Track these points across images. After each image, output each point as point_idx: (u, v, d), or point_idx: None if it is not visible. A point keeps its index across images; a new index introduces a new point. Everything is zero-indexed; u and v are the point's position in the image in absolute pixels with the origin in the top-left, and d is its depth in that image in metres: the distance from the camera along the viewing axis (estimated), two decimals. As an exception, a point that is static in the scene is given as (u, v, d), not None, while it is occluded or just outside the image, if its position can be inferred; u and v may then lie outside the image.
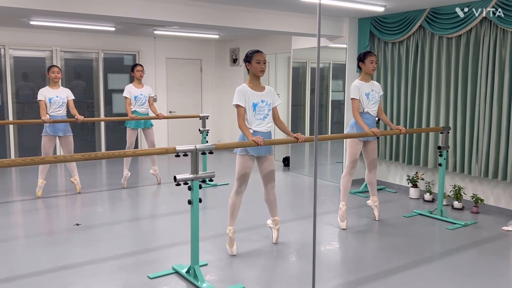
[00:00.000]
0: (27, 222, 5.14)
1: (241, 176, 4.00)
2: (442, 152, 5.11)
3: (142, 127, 6.58)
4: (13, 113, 8.31)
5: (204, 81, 10.34)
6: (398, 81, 6.31)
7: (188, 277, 3.55)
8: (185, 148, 3.35)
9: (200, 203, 3.46)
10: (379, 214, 5.15)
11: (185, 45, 9.90)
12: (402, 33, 6.09)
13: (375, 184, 5.09)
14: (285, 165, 8.41)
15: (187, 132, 9.67)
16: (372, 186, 5.07)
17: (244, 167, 3.97)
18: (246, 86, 3.95)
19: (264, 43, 9.05)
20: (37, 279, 3.57)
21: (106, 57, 9.15)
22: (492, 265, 3.90)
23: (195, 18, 5.55)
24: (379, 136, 4.66)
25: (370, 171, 5.03)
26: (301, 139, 3.95)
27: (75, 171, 6.28)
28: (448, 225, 4.97)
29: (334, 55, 7.32)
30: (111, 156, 3.17)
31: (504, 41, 5.10)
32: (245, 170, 3.98)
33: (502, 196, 5.42)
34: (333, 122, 7.56)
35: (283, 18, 6.17)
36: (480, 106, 5.38)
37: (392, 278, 3.63)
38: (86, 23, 7.36)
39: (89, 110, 9.10)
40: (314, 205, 2.59)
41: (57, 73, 5.96)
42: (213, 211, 5.59)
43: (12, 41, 8.17)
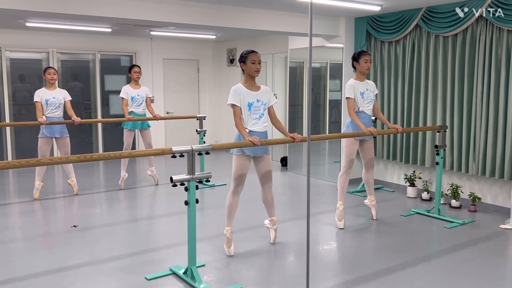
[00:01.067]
0: (24, 224, 5.13)
1: (237, 177, 3.99)
2: (439, 151, 5.12)
3: (139, 128, 6.56)
4: (9, 115, 8.29)
5: (201, 82, 10.33)
6: (395, 80, 6.31)
7: (185, 278, 3.54)
8: (181, 148, 3.35)
9: (197, 204, 3.45)
10: (376, 213, 5.15)
11: (182, 46, 9.89)
12: (398, 32, 6.09)
13: (372, 184, 5.10)
14: (283, 165, 8.41)
15: (185, 133, 9.66)
16: (369, 186, 5.07)
17: (241, 167, 3.97)
18: (241, 86, 3.95)
19: (261, 43, 9.05)
20: (34, 281, 3.56)
21: (103, 58, 9.14)
22: (490, 264, 3.90)
23: (191, 19, 5.54)
24: (376, 135, 4.66)
25: (367, 171, 5.04)
26: (297, 139, 3.95)
27: (72, 172, 6.27)
28: (446, 223, 4.97)
29: (331, 55, 7.33)
30: (107, 157, 3.17)
31: (500, 40, 5.11)
32: (241, 170, 3.97)
33: (499, 194, 5.43)
34: (331, 121, 7.56)
35: (279, 18, 6.16)
36: (476, 105, 5.38)
37: (390, 277, 3.63)
38: (82, 25, 7.35)
39: (86, 111, 9.08)
40: (307, 204, 2.59)
41: (53, 75, 5.94)
42: (211, 211, 5.58)
43: (8, 42, 8.15)
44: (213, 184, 6.81)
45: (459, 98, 5.56)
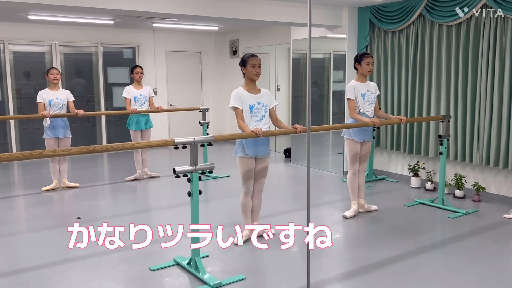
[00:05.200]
0: (29, 216, 5.16)
1: (246, 177, 4.07)
2: (443, 140, 5.10)
3: (143, 128, 6.62)
4: (13, 108, 8.31)
5: (204, 74, 10.31)
6: (399, 70, 6.28)
7: (189, 268, 3.56)
8: (184, 140, 3.35)
9: (200, 195, 3.46)
10: (373, 206, 5.13)
11: (184, 38, 9.86)
12: (402, 21, 6.05)
13: (363, 186, 5.06)
14: (286, 156, 8.41)
15: (188, 125, 9.66)
16: (360, 188, 5.03)
17: (246, 166, 4.04)
18: (242, 89, 4.01)
19: (264, 34, 9.02)
20: (39, 273, 3.59)
21: (106, 51, 9.13)
22: (493, 253, 3.90)
23: (193, 10, 5.52)
24: (379, 126, 4.66)
25: (359, 174, 5.00)
26: (299, 130, 3.96)
27: (66, 174, 6.28)
28: (450, 213, 4.96)
29: (335, 45, 7.28)
30: (109, 149, 3.18)
31: (504, 29, 5.06)
32: (247, 168, 4.05)
33: (503, 184, 5.41)
34: (334, 113, 7.53)
35: (281, 8, 6.13)
36: (480, 94, 5.35)
37: (393, 266, 3.64)
38: (84, 17, 7.34)
39: (89, 104, 9.10)
40: (307, 196, 2.58)
41: (56, 75, 5.96)
42: (215, 203, 5.60)
43: (11, 36, 8.16)
44: (216, 175, 6.82)
45: (463, 88, 5.53)
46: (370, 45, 6.59)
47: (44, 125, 5.95)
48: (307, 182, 2.79)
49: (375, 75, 6.55)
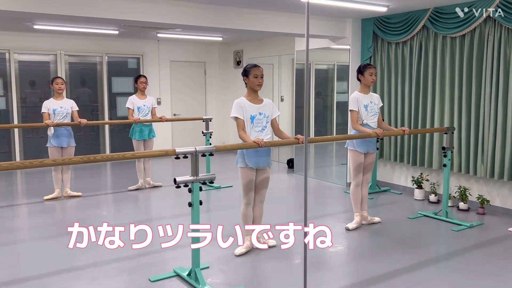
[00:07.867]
0: (30, 225, 5.15)
1: (246, 187, 4.06)
2: (447, 152, 5.06)
3: (146, 138, 6.62)
4: (18, 117, 8.34)
5: (208, 84, 10.34)
6: (402, 81, 6.26)
7: (189, 280, 3.53)
8: (185, 150, 3.33)
9: (201, 205, 3.44)
10: (376, 218, 5.09)
11: (188, 48, 9.91)
12: (405, 33, 6.05)
13: (366, 198, 5.02)
14: (290, 167, 8.38)
15: (192, 135, 9.66)
16: (363, 200, 4.99)
17: (247, 177, 4.02)
18: (244, 99, 4.01)
19: (268, 45, 9.04)
20: (38, 282, 3.57)
21: (110, 61, 9.18)
22: (498, 267, 3.84)
23: (198, 21, 5.54)
24: (382, 137, 4.63)
25: (362, 185, 4.97)
26: (301, 140, 3.95)
27: (68, 183, 6.27)
28: (454, 226, 4.91)
29: (339, 56, 7.29)
30: (110, 159, 3.17)
31: (508, 40, 5.04)
32: (248, 181, 4.04)
33: (508, 197, 5.36)
34: (338, 123, 7.51)
35: (285, 19, 6.14)
36: (485, 106, 5.32)
37: (396, 280, 3.59)
38: (89, 27, 7.38)
39: (93, 113, 9.12)
40: (304, 205, 2.56)
41: (60, 84, 5.99)
42: (217, 213, 5.57)
43: (16, 45, 8.22)
44: (219, 186, 6.80)
45: (467, 100, 5.50)
46: (374, 56, 6.59)
47: (48, 134, 5.96)
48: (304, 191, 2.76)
49: (379, 86, 6.54)
